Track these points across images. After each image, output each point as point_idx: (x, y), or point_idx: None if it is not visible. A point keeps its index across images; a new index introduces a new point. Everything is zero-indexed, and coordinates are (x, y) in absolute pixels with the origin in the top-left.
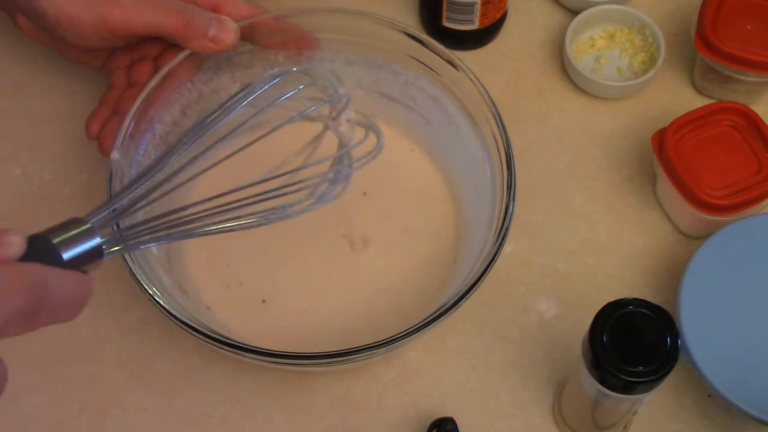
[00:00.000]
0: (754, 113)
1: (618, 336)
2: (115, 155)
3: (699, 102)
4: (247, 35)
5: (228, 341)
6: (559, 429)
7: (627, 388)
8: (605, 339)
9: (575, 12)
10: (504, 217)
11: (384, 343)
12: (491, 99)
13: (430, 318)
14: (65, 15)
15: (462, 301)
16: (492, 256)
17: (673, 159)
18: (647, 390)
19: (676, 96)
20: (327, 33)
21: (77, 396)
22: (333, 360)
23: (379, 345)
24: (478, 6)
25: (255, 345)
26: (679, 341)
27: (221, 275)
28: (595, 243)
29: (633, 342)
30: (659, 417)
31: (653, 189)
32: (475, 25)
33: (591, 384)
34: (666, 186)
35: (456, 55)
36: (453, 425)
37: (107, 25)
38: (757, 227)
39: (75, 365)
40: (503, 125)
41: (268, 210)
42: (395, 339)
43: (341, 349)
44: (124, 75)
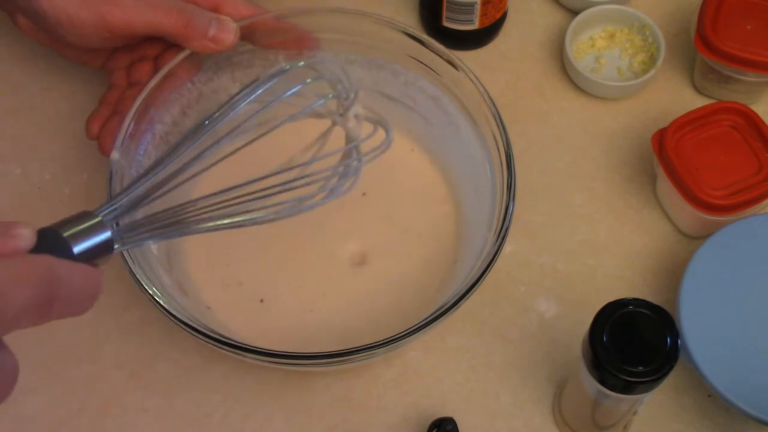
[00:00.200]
0: (754, 113)
1: (618, 336)
2: (115, 155)
3: (699, 102)
4: (247, 35)
5: (228, 341)
6: (559, 429)
7: (627, 388)
8: (605, 339)
9: (575, 12)
10: (504, 217)
11: (384, 343)
12: (491, 99)
13: (430, 318)
14: (65, 15)
15: (462, 301)
16: (492, 256)
17: (673, 159)
18: (647, 390)
19: (676, 96)
20: (327, 33)
21: (77, 396)
22: (333, 360)
23: (379, 345)
24: (478, 6)
25: (255, 345)
26: (679, 341)
27: (221, 275)
28: (595, 243)
29: (633, 342)
30: (659, 417)
31: (653, 189)
32: (475, 25)
33: (591, 384)
34: (666, 186)
35: (456, 55)
36: (453, 425)
37: (107, 25)
38: (757, 227)
39: (75, 365)
40: (503, 125)
41: (279, 204)
42: (395, 339)
43: (341, 349)
44: (124, 75)
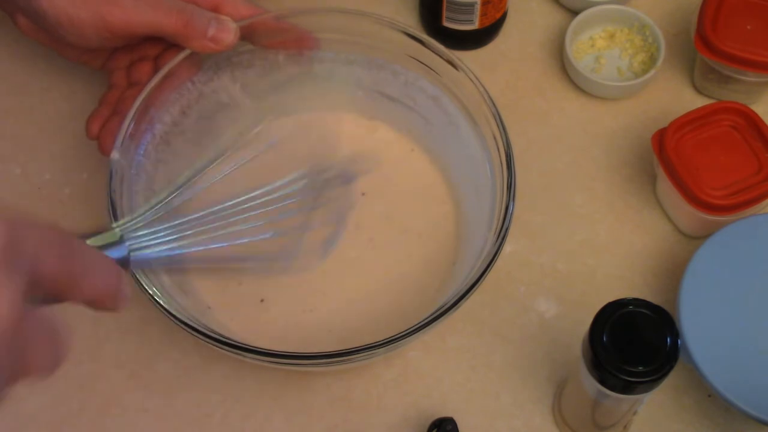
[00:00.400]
0: (754, 113)
1: (618, 336)
2: (115, 155)
3: (699, 102)
4: (247, 35)
5: (228, 341)
6: (559, 429)
7: (627, 388)
8: (605, 339)
9: (575, 12)
10: (504, 217)
11: (384, 343)
12: (491, 99)
13: (430, 318)
14: (65, 15)
15: (462, 301)
16: (492, 256)
17: (673, 159)
18: (647, 390)
19: (676, 96)
20: (327, 33)
21: (77, 396)
22: (333, 360)
23: (379, 345)
24: (478, 6)
25: (255, 345)
26: (679, 341)
27: (221, 275)
28: (595, 243)
29: (633, 342)
30: (659, 417)
31: (653, 189)
32: (475, 25)
33: (591, 384)
34: (666, 186)
35: (456, 55)
36: (453, 425)
37: (107, 25)
38: (757, 227)
39: (75, 365)
40: (503, 125)
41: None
42: (395, 339)
43: (341, 349)
44: (124, 75)
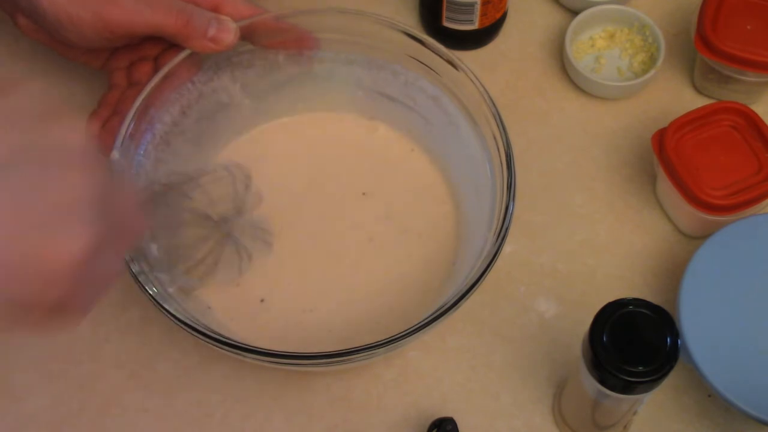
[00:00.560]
0: (754, 113)
1: (618, 336)
2: (115, 155)
3: (699, 102)
4: (247, 35)
5: (228, 341)
6: (559, 429)
7: (627, 388)
8: (605, 339)
9: (575, 12)
10: (504, 217)
11: (384, 343)
12: (491, 99)
13: (430, 318)
14: (65, 14)
15: (462, 301)
16: (492, 256)
17: (673, 159)
18: (647, 390)
19: (676, 96)
20: (327, 33)
21: (77, 396)
22: (333, 360)
23: (379, 345)
24: (478, 6)
25: (255, 345)
26: (679, 341)
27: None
28: (595, 243)
29: (633, 342)
30: (659, 417)
31: (653, 189)
32: (475, 25)
33: (591, 384)
34: (666, 186)
35: (456, 55)
36: (453, 425)
37: (107, 25)
38: (757, 227)
39: (75, 365)
40: (503, 125)
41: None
42: (395, 339)
43: (341, 349)
44: (124, 75)
